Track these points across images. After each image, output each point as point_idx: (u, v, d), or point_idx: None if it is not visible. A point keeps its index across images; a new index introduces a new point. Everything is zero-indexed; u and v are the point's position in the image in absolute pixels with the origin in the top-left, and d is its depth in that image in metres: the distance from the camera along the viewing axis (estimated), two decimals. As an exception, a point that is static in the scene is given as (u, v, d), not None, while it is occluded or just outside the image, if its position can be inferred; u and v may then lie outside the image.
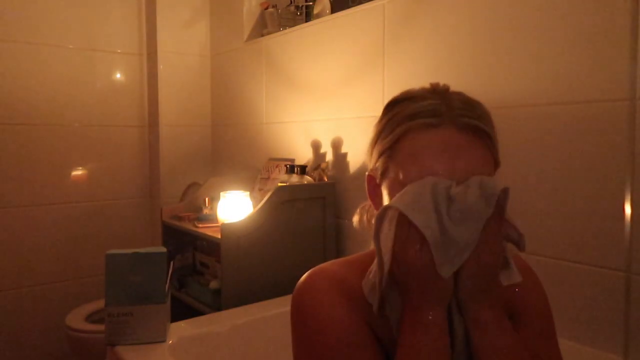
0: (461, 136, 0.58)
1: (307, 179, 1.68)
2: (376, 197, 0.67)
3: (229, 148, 2.37)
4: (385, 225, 0.58)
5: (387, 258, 0.57)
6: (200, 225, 1.79)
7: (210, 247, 1.84)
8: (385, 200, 0.63)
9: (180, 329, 1.22)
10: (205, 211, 1.89)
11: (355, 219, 0.77)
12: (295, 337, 0.66)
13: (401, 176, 0.59)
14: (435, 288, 0.56)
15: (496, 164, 0.62)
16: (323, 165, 1.73)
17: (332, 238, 1.68)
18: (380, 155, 0.63)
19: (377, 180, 0.65)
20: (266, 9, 2.11)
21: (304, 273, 0.71)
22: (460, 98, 0.61)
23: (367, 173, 0.68)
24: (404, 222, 0.55)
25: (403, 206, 0.55)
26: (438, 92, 0.62)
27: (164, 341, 1.12)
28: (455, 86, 0.65)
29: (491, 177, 0.58)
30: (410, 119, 0.60)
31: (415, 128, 0.59)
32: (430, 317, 0.56)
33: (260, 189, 1.90)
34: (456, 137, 0.57)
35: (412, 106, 0.61)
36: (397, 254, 0.56)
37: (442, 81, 0.66)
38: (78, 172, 2.28)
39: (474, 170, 0.57)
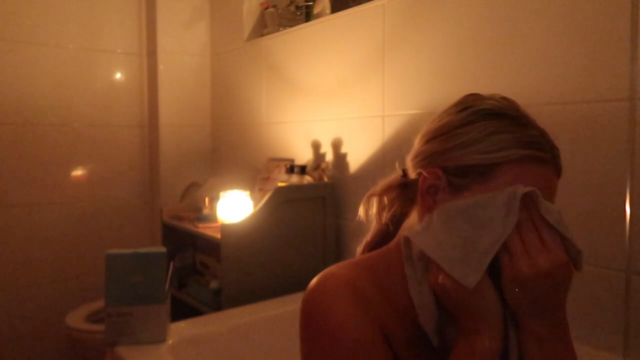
0: (557, 179, 0.59)
1: (307, 179, 1.68)
2: (429, 203, 0.59)
3: (229, 148, 2.37)
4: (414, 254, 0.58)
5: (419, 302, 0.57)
6: (200, 225, 1.79)
7: (210, 247, 1.84)
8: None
9: (180, 329, 1.22)
10: (205, 211, 1.89)
11: (361, 209, 0.73)
12: (305, 344, 0.62)
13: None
14: (478, 308, 0.53)
15: None
16: (323, 165, 1.73)
17: (332, 238, 1.68)
18: (463, 170, 0.57)
19: (442, 188, 0.58)
20: (266, 9, 2.11)
21: (304, 273, 0.70)
22: (546, 132, 0.60)
23: (424, 172, 0.59)
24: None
25: (425, 246, 0.55)
26: (529, 118, 0.59)
27: (164, 341, 1.12)
28: (454, 86, 0.65)
29: (520, 185, 0.55)
30: (521, 147, 0.55)
31: (523, 159, 0.55)
32: (485, 344, 0.52)
33: (260, 189, 1.90)
34: (555, 180, 0.58)
35: (524, 130, 0.57)
36: (431, 283, 0.56)
37: (442, 81, 0.65)
38: (78, 172, 2.28)
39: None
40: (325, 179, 1.71)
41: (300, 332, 0.63)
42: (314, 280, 0.65)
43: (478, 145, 0.56)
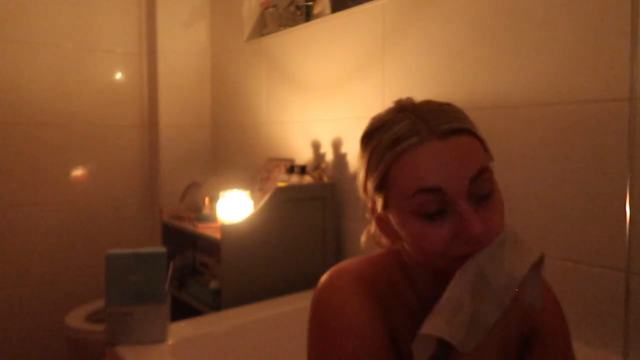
0: (448, 143, 0.57)
1: (307, 179, 1.68)
2: (389, 229, 0.64)
3: (229, 148, 2.37)
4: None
5: None
6: (200, 225, 1.79)
7: (210, 247, 1.84)
8: (399, 230, 0.61)
9: (180, 329, 1.22)
10: (205, 211, 1.89)
11: (363, 239, 0.75)
12: (313, 336, 0.63)
13: (404, 202, 0.58)
14: None
15: (489, 156, 0.61)
16: (323, 165, 1.73)
17: (332, 238, 1.68)
18: (376, 191, 0.62)
19: (382, 215, 0.63)
20: (266, 8, 2.11)
21: (304, 273, 0.71)
22: (429, 108, 0.60)
23: (373, 217, 0.66)
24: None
25: (440, 332, 0.55)
26: (407, 110, 0.61)
27: (164, 341, 1.12)
28: (454, 86, 0.65)
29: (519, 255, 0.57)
30: (393, 146, 0.58)
31: (400, 153, 0.57)
32: None
33: (260, 189, 1.90)
34: (442, 147, 0.57)
35: (388, 133, 0.59)
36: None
37: (442, 81, 0.66)
38: (78, 172, 2.28)
39: (470, 169, 0.56)
40: (325, 179, 1.71)
41: (309, 324, 0.64)
42: (326, 275, 0.66)
43: (370, 167, 0.62)
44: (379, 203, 0.62)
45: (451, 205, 0.56)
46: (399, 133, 0.58)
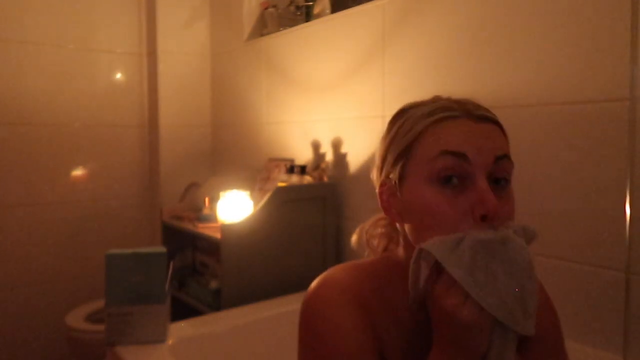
0: (480, 125, 0.58)
1: (307, 179, 1.68)
2: (392, 208, 0.63)
3: (229, 148, 2.37)
4: (422, 265, 0.56)
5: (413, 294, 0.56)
6: (200, 225, 1.79)
7: (210, 247, 1.84)
8: (410, 205, 0.59)
9: (180, 329, 1.22)
10: (205, 211, 1.89)
11: (354, 238, 0.75)
12: (301, 346, 0.63)
13: (424, 167, 0.57)
14: (474, 343, 0.53)
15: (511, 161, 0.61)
16: (323, 165, 1.73)
17: (332, 238, 1.68)
18: (396, 160, 0.61)
19: (394, 189, 0.62)
20: (266, 8, 2.11)
21: (304, 273, 0.70)
22: (467, 99, 0.62)
23: (377, 189, 0.65)
24: (442, 269, 0.53)
25: (440, 256, 0.53)
26: (446, 98, 0.63)
27: (164, 341, 1.12)
28: (455, 86, 0.66)
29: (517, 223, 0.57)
30: (428, 116, 0.59)
31: (436, 121, 0.58)
32: None
33: (260, 189, 1.90)
34: (476, 126, 0.58)
35: (425, 107, 0.61)
36: (437, 300, 0.54)
37: (442, 81, 0.66)
38: (78, 172, 2.28)
39: (497, 149, 0.57)
40: (325, 179, 1.71)
41: (298, 333, 0.63)
42: (314, 283, 0.65)
43: (397, 136, 0.62)
44: (395, 176, 0.61)
45: (470, 179, 0.56)
46: (436, 107, 0.60)
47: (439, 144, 0.57)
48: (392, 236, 0.74)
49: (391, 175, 0.62)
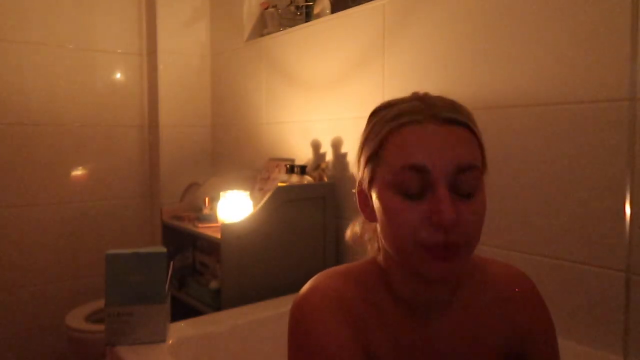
0: (444, 129, 0.58)
1: (307, 179, 1.68)
2: (367, 208, 0.65)
3: (229, 148, 2.37)
4: None
5: None
6: (200, 225, 1.79)
7: (210, 247, 1.84)
8: (377, 208, 0.61)
9: (180, 329, 1.22)
10: (205, 211, 1.89)
11: (348, 233, 0.75)
12: (290, 352, 0.63)
13: (388, 177, 0.58)
14: None
15: (484, 165, 0.61)
16: (323, 165, 1.73)
17: (332, 238, 1.68)
18: (367, 162, 0.63)
19: (366, 190, 0.64)
20: (266, 9, 2.11)
21: (304, 273, 0.70)
22: (440, 98, 0.62)
23: (355, 189, 0.67)
24: None
25: None
26: (418, 97, 0.63)
27: (163, 341, 1.12)
28: (455, 86, 0.66)
29: None
30: (392, 120, 0.60)
31: (398, 127, 0.59)
32: None
33: (260, 189, 1.90)
34: (439, 131, 0.57)
35: (393, 109, 0.61)
36: None
37: (442, 81, 0.66)
38: (78, 172, 2.28)
39: (459, 157, 0.56)
40: (325, 179, 1.71)
41: (288, 342, 0.64)
42: (302, 290, 0.66)
43: (367, 140, 0.63)
44: (366, 176, 0.63)
45: (431, 189, 0.56)
46: (402, 110, 0.60)
47: (401, 156, 0.57)
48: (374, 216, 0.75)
49: (364, 175, 0.64)
